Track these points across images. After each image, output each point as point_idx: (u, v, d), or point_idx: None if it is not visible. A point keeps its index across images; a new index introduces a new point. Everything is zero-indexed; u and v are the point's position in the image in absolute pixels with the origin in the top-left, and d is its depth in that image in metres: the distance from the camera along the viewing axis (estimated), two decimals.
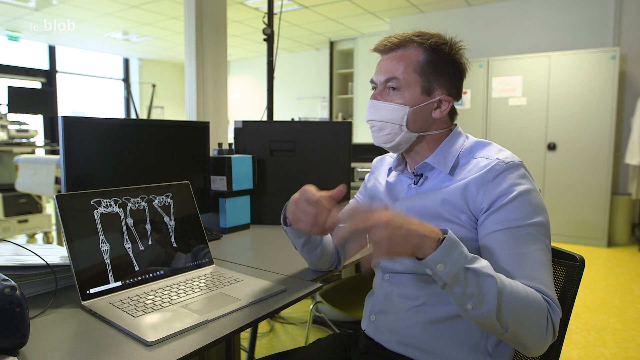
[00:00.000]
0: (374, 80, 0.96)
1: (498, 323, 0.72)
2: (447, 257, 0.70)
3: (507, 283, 0.73)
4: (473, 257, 0.72)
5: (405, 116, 0.91)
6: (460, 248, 0.71)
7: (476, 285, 0.71)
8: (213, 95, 3.02)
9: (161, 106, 8.48)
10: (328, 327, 2.36)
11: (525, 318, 0.74)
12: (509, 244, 0.79)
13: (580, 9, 4.56)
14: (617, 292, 3.01)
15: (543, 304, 0.75)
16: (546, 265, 0.79)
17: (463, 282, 0.71)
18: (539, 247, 0.79)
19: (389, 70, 0.91)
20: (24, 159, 3.34)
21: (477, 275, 0.71)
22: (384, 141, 0.95)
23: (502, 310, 0.71)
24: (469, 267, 0.70)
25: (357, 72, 6.88)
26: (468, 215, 0.85)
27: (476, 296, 0.71)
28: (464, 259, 0.71)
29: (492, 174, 0.83)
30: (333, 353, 1.03)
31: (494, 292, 0.70)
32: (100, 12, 5.46)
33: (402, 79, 0.90)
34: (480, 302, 0.71)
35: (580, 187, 4.30)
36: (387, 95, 0.93)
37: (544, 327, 0.74)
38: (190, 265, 1.04)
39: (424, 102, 0.91)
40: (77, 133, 1.13)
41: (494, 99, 4.66)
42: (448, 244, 0.70)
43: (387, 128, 0.93)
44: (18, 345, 0.65)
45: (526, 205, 0.80)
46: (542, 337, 0.74)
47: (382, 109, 0.93)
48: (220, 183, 1.49)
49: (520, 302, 0.73)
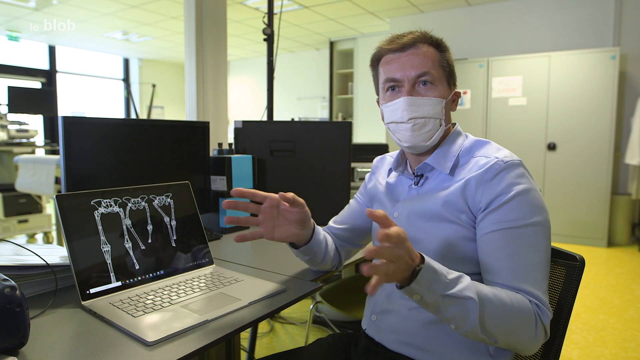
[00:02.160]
0: (396, 78, 0.91)
1: (485, 337, 0.73)
2: (423, 288, 0.68)
3: (489, 298, 0.73)
4: (452, 280, 0.71)
5: (443, 109, 0.91)
6: (437, 277, 0.69)
7: (456, 309, 0.71)
8: (213, 95, 3.02)
9: (161, 106, 8.48)
10: (328, 327, 2.36)
11: (513, 328, 0.74)
12: (505, 245, 0.79)
13: (580, 9, 4.56)
14: (617, 292, 3.01)
15: (530, 309, 0.75)
16: (541, 266, 0.79)
17: (442, 309, 0.71)
18: (535, 248, 0.79)
19: (419, 66, 0.89)
20: (24, 159, 3.34)
21: (456, 299, 0.70)
22: (424, 139, 0.90)
23: (487, 326, 0.72)
24: (446, 294, 0.69)
25: (357, 72, 6.88)
26: (468, 215, 0.85)
27: (458, 318, 0.72)
28: (442, 287, 0.69)
29: (491, 173, 0.83)
30: (333, 353, 1.02)
31: (474, 312, 0.70)
32: (100, 12, 5.46)
33: (434, 73, 0.90)
34: (463, 322, 0.72)
35: (580, 187, 4.30)
36: (420, 91, 0.91)
37: (533, 330, 0.75)
38: (190, 265, 1.04)
39: (449, 95, 0.93)
40: (77, 133, 1.13)
41: (494, 99, 4.66)
42: (423, 278, 0.68)
43: (429, 124, 0.90)
44: (18, 345, 0.65)
45: (524, 205, 0.80)
46: (533, 340, 0.76)
47: (423, 105, 0.89)
48: (220, 183, 1.49)
49: (505, 314, 0.73)
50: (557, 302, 0.91)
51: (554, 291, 0.92)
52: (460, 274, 0.73)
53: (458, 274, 0.73)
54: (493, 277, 0.81)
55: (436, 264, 0.71)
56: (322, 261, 1.03)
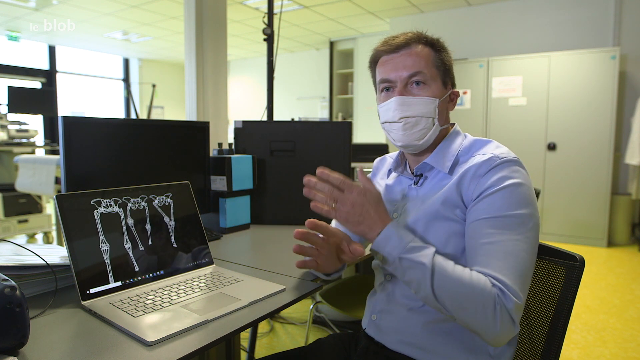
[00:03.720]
0: (389, 79, 0.92)
1: (440, 307, 0.77)
2: (383, 248, 0.80)
3: (446, 270, 0.76)
4: (413, 247, 0.79)
5: (437, 108, 0.91)
6: (396, 240, 0.79)
7: (412, 273, 0.78)
8: (213, 95, 3.02)
9: (161, 106, 8.48)
10: (328, 327, 2.36)
11: (466, 304, 0.74)
12: (482, 233, 0.80)
13: (580, 9, 4.56)
14: (617, 292, 3.01)
15: (488, 290, 0.74)
16: (515, 254, 0.77)
17: (400, 271, 0.80)
18: (514, 238, 0.78)
19: (411, 66, 0.90)
20: (24, 159, 3.34)
21: (412, 263, 0.78)
22: (416, 138, 0.92)
23: (442, 294, 0.76)
24: (403, 257, 0.78)
25: (357, 72, 6.88)
26: (461, 209, 0.85)
27: (414, 282, 0.78)
28: (400, 249, 0.78)
29: (485, 168, 0.83)
30: (333, 353, 1.03)
31: (427, 278, 0.76)
32: (100, 12, 5.46)
33: (427, 73, 0.90)
34: (419, 287, 0.78)
35: (580, 187, 4.30)
36: (412, 91, 0.91)
37: (491, 313, 0.73)
38: (190, 265, 1.04)
39: (444, 94, 0.93)
40: (77, 133, 1.13)
41: (494, 99, 4.66)
42: (383, 236, 0.80)
43: (421, 123, 0.91)
44: (18, 345, 0.65)
45: (513, 196, 0.80)
46: (493, 324, 0.73)
47: (414, 104, 0.91)
48: (220, 183, 1.49)
49: (459, 287, 0.75)
50: (557, 302, 0.91)
51: (554, 291, 0.92)
52: (425, 245, 0.80)
53: (425, 245, 0.80)
54: (469, 264, 0.81)
55: (402, 232, 0.81)
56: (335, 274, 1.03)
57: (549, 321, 0.91)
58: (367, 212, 0.81)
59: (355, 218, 0.81)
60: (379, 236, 0.80)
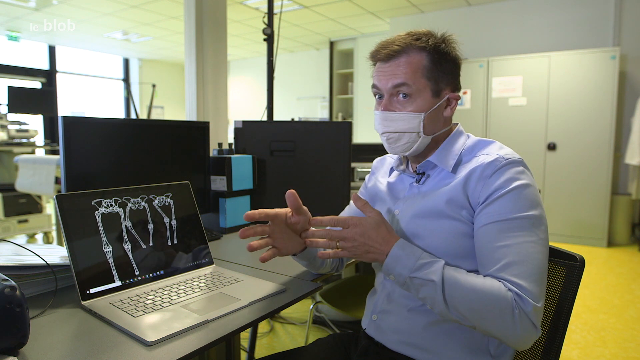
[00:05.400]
0: (377, 86, 0.91)
1: (459, 319, 0.76)
2: (393, 269, 0.81)
3: (458, 282, 0.76)
4: (421, 264, 0.79)
5: (421, 122, 0.90)
6: (404, 260, 0.80)
7: (424, 290, 0.78)
8: (213, 95, 3.02)
9: (161, 106, 8.48)
10: (328, 327, 2.36)
11: (484, 312, 0.74)
12: (496, 237, 0.79)
13: (580, 9, 4.56)
14: (617, 292, 3.01)
15: (504, 296, 0.74)
16: (530, 257, 0.77)
17: (413, 289, 0.80)
18: (527, 240, 0.78)
19: (397, 76, 0.88)
20: (24, 159, 3.33)
21: (422, 282, 0.78)
22: (401, 150, 0.93)
23: (457, 307, 0.75)
24: (413, 276, 0.79)
25: (357, 72, 6.88)
26: (468, 210, 0.85)
27: (428, 299, 0.79)
28: (409, 269, 0.79)
29: (491, 169, 0.83)
30: (333, 353, 1.03)
31: (439, 293, 0.76)
32: (100, 12, 5.45)
33: (412, 85, 0.88)
34: (433, 303, 0.78)
35: (580, 187, 4.30)
36: (397, 104, 0.90)
37: (510, 318, 0.73)
38: (190, 265, 1.04)
39: (435, 104, 0.90)
40: (77, 133, 1.13)
41: (494, 99, 4.66)
42: (391, 259, 0.81)
43: (404, 138, 0.91)
44: (18, 345, 0.65)
45: (521, 198, 0.80)
46: (513, 329, 0.73)
47: (397, 120, 0.90)
48: (220, 183, 1.49)
49: (474, 296, 0.75)
50: (557, 302, 0.91)
51: (554, 291, 0.92)
52: (434, 260, 0.80)
53: (433, 259, 0.80)
54: (483, 269, 0.81)
55: (409, 250, 0.81)
56: (321, 264, 1.03)
57: (549, 321, 0.92)
58: (370, 240, 0.82)
59: (362, 249, 0.82)
60: (386, 259, 0.81)
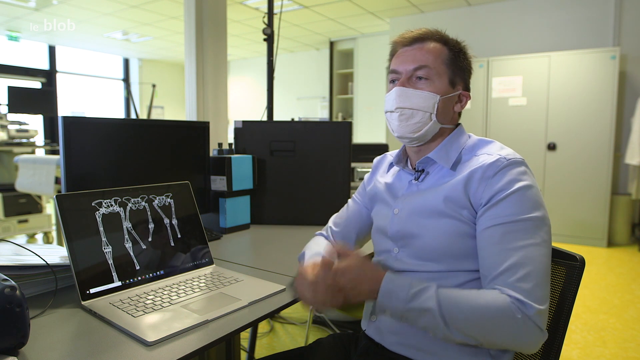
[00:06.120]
0: (397, 70, 0.93)
1: (465, 339, 0.75)
2: (388, 306, 0.78)
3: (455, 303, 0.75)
4: (414, 293, 0.76)
5: (436, 104, 0.91)
6: (396, 293, 0.77)
7: (423, 320, 0.76)
8: (213, 95, 3.02)
9: (161, 106, 8.48)
10: (328, 327, 2.36)
11: (489, 326, 0.73)
12: (499, 240, 0.79)
13: (580, 9, 4.56)
14: (617, 292, 3.01)
15: (503, 305, 0.73)
16: (533, 259, 0.76)
17: (411, 321, 0.78)
18: (530, 242, 0.77)
19: (419, 59, 0.91)
20: (24, 159, 3.33)
21: (419, 312, 0.76)
22: (411, 130, 0.92)
23: (459, 328, 0.74)
24: (408, 308, 0.77)
25: (357, 72, 6.88)
26: (469, 211, 0.84)
27: (429, 327, 0.76)
28: (404, 302, 0.77)
29: (493, 170, 0.83)
30: (333, 353, 1.03)
31: (438, 320, 0.74)
32: (100, 12, 5.45)
33: (433, 69, 0.90)
34: (435, 331, 0.76)
35: (580, 187, 4.30)
36: (415, 84, 0.92)
37: (515, 326, 0.72)
38: (190, 265, 1.04)
39: (450, 93, 0.93)
40: (77, 133, 1.13)
41: (494, 99, 4.66)
42: (382, 296, 0.78)
43: (417, 116, 0.91)
44: (18, 345, 0.65)
45: (524, 200, 0.80)
46: (518, 336, 0.73)
47: (413, 96, 0.91)
48: (220, 183, 1.49)
49: (473, 313, 0.73)
50: (557, 302, 0.91)
51: (554, 291, 0.92)
52: (425, 286, 0.77)
53: (423, 285, 0.77)
54: (484, 273, 0.81)
55: (398, 281, 0.78)
56: None
57: (549, 321, 0.91)
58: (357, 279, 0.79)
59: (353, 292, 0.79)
60: (378, 297, 0.78)
